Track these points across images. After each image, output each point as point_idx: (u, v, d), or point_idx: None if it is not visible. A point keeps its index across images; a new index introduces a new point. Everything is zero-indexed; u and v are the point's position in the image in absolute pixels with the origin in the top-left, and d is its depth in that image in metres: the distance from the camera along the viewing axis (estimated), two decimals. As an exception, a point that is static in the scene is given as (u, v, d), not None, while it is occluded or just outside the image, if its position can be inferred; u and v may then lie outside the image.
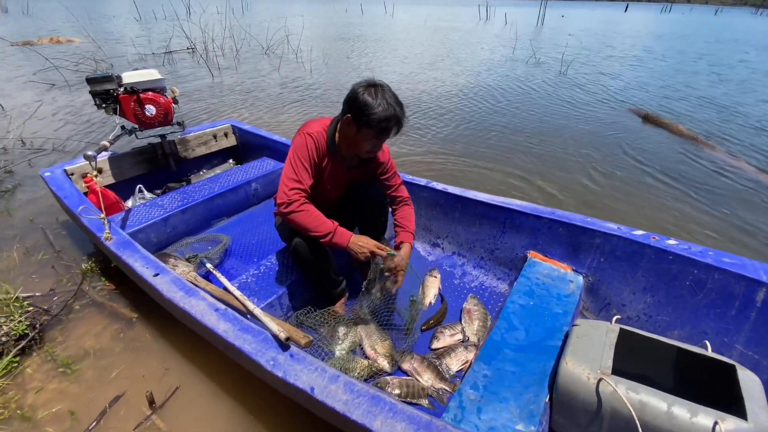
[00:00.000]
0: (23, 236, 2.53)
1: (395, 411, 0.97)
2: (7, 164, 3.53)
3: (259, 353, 1.16)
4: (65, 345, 1.76)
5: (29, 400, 1.52)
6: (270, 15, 17.28)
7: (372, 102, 1.33)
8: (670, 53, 10.70)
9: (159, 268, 1.54)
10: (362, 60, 8.61)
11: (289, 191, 1.39)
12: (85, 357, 1.70)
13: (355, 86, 1.39)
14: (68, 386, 1.57)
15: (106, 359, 1.69)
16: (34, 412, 1.48)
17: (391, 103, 1.36)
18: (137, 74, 2.28)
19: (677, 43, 12.94)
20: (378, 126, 1.35)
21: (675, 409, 1.01)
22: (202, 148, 2.94)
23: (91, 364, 1.67)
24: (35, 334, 1.75)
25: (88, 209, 1.81)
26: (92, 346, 1.75)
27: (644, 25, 20.43)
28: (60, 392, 1.55)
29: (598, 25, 19.43)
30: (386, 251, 1.41)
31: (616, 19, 24.62)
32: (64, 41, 9.69)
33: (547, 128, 4.76)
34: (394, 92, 1.41)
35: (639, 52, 10.95)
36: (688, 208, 3.08)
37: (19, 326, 1.73)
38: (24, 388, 1.57)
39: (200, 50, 8.49)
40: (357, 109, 1.35)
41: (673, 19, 25.37)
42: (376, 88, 1.37)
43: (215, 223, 2.44)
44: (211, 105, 5.42)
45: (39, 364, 1.67)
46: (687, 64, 9.12)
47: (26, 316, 1.82)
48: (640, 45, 12.46)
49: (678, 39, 14.27)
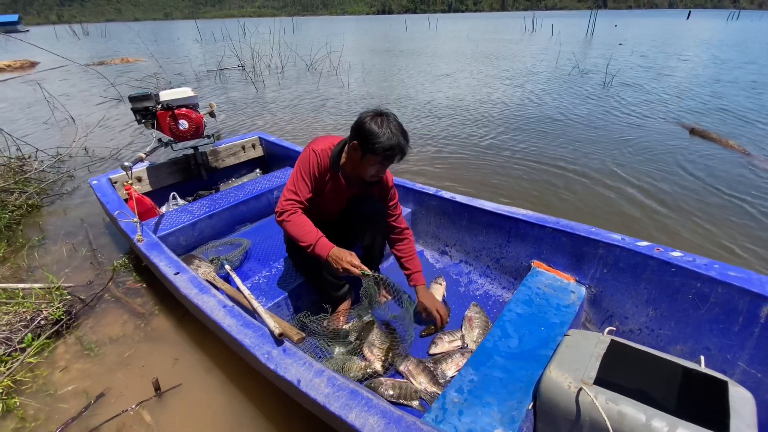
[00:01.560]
0: (74, 234, 2.87)
1: (371, 405, 1.03)
2: (70, 170, 4.00)
3: (256, 347, 1.27)
4: (93, 331, 2.00)
5: (55, 377, 1.74)
6: (318, 33, 18.02)
7: (377, 131, 1.40)
8: (727, 64, 9.88)
9: (180, 268, 1.70)
10: (401, 75, 8.77)
11: (284, 201, 1.51)
12: (109, 343, 1.92)
13: (363, 115, 1.46)
14: (91, 367, 1.79)
15: (126, 346, 1.90)
16: (56, 388, 1.69)
17: (396, 132, 1.42)
18: (172, 92, 2.52)
19: (738, 53, 11.92)
20: (382, 154, 1.42)
21: (654, 422, 1.00)
22: (232, 158, 3.16)
23: (113, 349, 1.88)
24: (68, 319, 2.01)
25: (124, 213, 2.02)
26: (116, 333, 1.97)
27: (706, 33, 19.01)
28: (82, 372, 1.77)
29: (654, 34, 18.37)
30: (361, 270, 1.40)
31: (676, 27, 23.15)
32: (133, 61, 10.73)
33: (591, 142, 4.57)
34: (399, 122, 1.47)
35: (696, 62, 10.26)
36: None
37: (56, 312, 1.98)
38: (52, 366, 1.80)
39: (249, 68, 9.05)
40: (363, 137, 1.42)
41: (740, 27, 23.45)
42: (382, 118, 1.43)
43: (239, 228, 2.61)
44: (250, 118, 5.79)
45: (68, 346, 1.90)
46: (746, 77, 8.36)
47: (64, 303, 2.07)
48: (698, 54, 11.65)
49: (740, 48, 13.10)
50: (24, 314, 1.95)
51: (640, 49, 12.59)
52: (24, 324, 1.91)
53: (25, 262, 2.52)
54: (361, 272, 1.40)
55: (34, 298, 2.08)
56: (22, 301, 2.06)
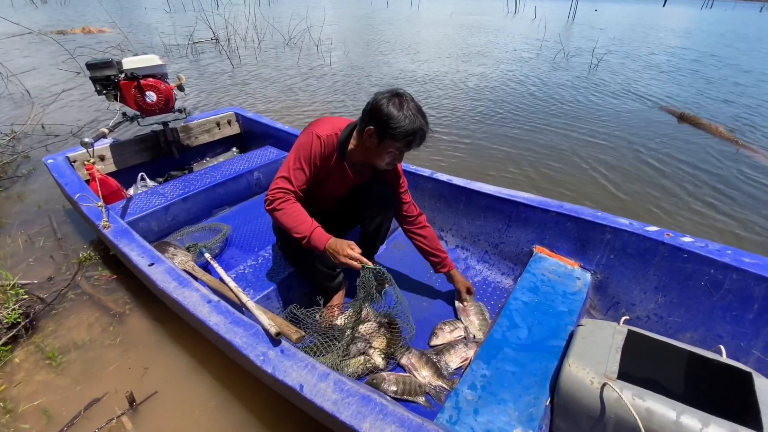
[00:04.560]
0: (30, 222, 2.55)
1: (386, 413, 0.93)
2: (26, 149, 3.56)
3: (249, 347, 1.13)
4: (56, 335, 1.75)
5: (14, 392, 1.51)
6: (295, 7, 17.07)
7: (397, 114, 1.26)
8: (706, 52, 10.06)
9: (154, 258, 1.52)
10: (384, 54, 8.40)
11: (275, 189, 1.36)
12: (74, 349, 1.69)
13: (378, 96, 1.31)
14: (54, 378, 1.56)
15: (95, 352, 1.68)
16: (16, 405, 1.47)
17: (417, 114, 1.29)
18: (137, 60, 2.24)
19: (715, 41, 12.17)
20: (404, 140, 1.29)
21: (684, 418, 0.95)
22: (205, 135, 2.91)
23: (78, 356, 1.65)
24: (27, 322, 1.75)
25: (86, 197, 1.79)
26: (82, 337, 1.73)
27: (681, 21, 19.38)
28: (45, 384, 1.54)
29: (633, 20, 18.54)
30: (362, 263, 1.29)
31: (652, 14, 23.45)
32: (96, 31, 9.77)
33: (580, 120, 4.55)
34: (417, 102, 1.33)
35: (673, 49, 10.36)
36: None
37: (12, 314, 1.72)
38: (10, 378, 1.56)
39: (223, 41, 8.45)
40: (381, 121, 1.28)
41: (714, 16, 24.00)
42: (400, 99, 1.29)
43: (216, 212, 2.41)
44: (225, 93, 5.39)
45: (28, 354, 1.66)
46: (725, 65, 8.56)
47: (21, 303, 1.81)
48: (675, 42, 11.78)
49: (717, 37, 13.40)
50: (-26, 318, 1.69)
51: (623, 36, 12.68)
52: (-26, 329, 1.65)
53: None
54: (362, 266, 1.28)
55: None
56: (-29, 302, 1.78)
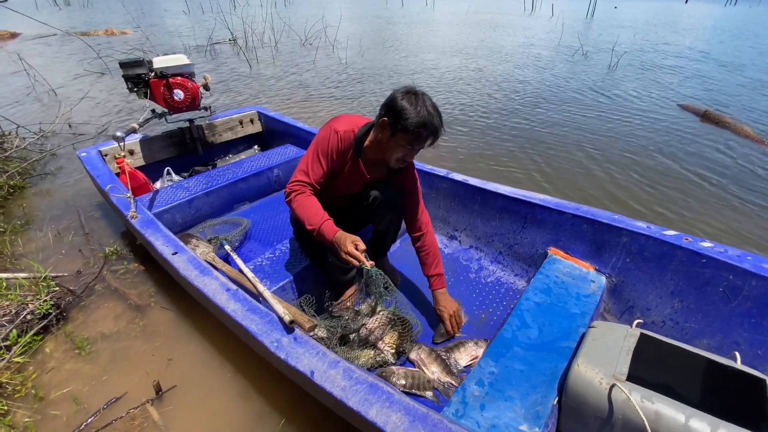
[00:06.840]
0: (59, 218, 2.67)
1: (392, 401, 0.96)
2: (54, 147, 3.74)
3: (264, 334, 1.18)
4: (84, 326, 1.83)
5: (45, 380, 1.59)
6: (311, 8, 17.35)
7: (410, 108, 1.31)
8: (729, 51, 9.71)
9: (178, 247, 1.59)
10: (400, 53, 8.46)
11: (293, 182, 1.43)
12: (101, 339, 1.76)
13: (395, 92, 1.37)
14: (82, 367, 1.63)
15: (121, 342, 1.75)
16: (47, 392, 1.54)
17: (430, 110, 1.33)
18: (167, 59, 2.34)
19: (738, 40, 11.70)
20: (414, 131, 1.32)
21: (693, 422, 0.94)
22: (229, 133, 3.00)
23: (106, 346, 1.73)
24: (57, 313, 1.83)
25: (116, 188, 1.89)
26: (109, 328, 1.81)
27: (705, 19, 18.67)
28: (74, 373, 1.62)
29: (654, 17, 17.99)
30: (362, 263, 1.30)
31: (675, 12, 22.70)
32: (118, 33, 10.17)
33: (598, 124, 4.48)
34: (433, 101, 1.38)
35: (695, 47, 10.04)
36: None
37: (44, 305, 1.80)
38: (42, 366, 1.64)
39: (241, 42, 8.68)
40: (394, 114, 1.33)
41: (739, 13, 23.08)
42: (416, 95, 1.34)
43: (237, 206, 2.49)
44: (245, 94, 5.53)
45: (58, 344, 1.74)
46: (750, 64, 8.22)
47: (52, 295, 1.90)
48: (697, 41, 11.41)
49: (741, 34, 12.87)
50: (8, 308, 1.77)
51: (643, 33, 12.34)
52: (8, 319, 1.73)
53: (8, 250, 2.32)
54: (360, 265, 1.30)
55: (18, 290, 1.90)
56: (6, 293, 1.87)
